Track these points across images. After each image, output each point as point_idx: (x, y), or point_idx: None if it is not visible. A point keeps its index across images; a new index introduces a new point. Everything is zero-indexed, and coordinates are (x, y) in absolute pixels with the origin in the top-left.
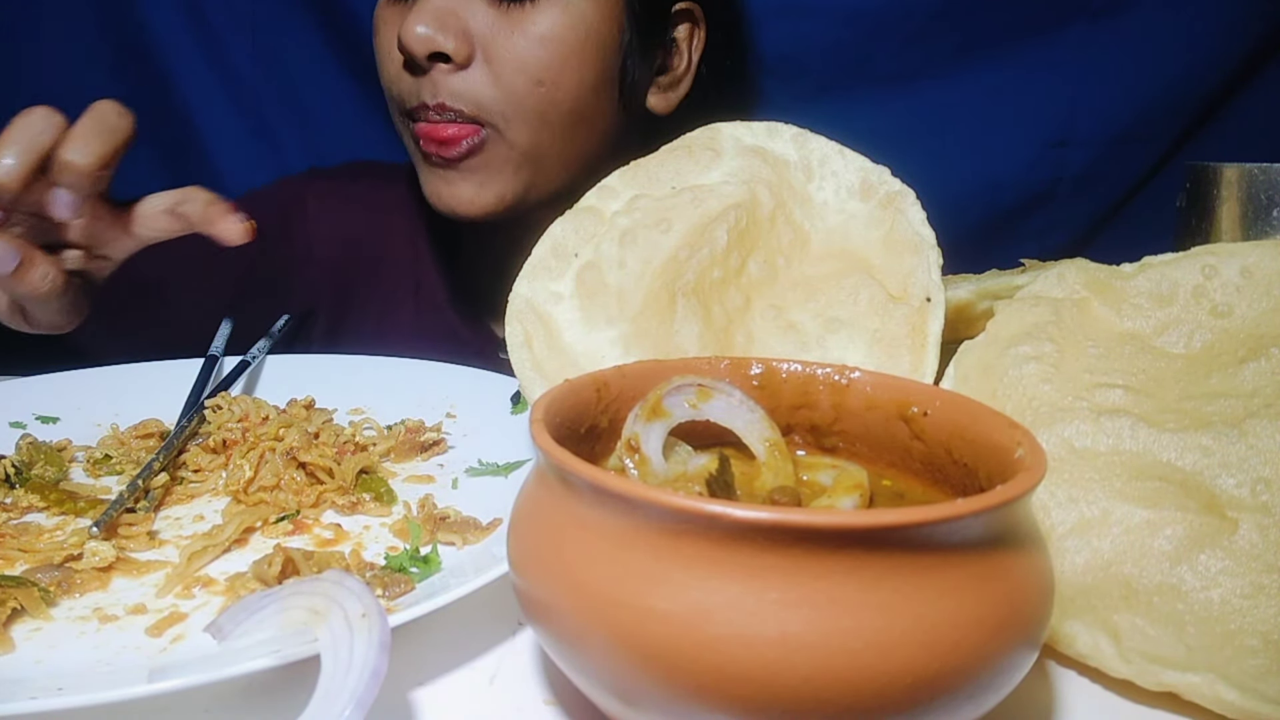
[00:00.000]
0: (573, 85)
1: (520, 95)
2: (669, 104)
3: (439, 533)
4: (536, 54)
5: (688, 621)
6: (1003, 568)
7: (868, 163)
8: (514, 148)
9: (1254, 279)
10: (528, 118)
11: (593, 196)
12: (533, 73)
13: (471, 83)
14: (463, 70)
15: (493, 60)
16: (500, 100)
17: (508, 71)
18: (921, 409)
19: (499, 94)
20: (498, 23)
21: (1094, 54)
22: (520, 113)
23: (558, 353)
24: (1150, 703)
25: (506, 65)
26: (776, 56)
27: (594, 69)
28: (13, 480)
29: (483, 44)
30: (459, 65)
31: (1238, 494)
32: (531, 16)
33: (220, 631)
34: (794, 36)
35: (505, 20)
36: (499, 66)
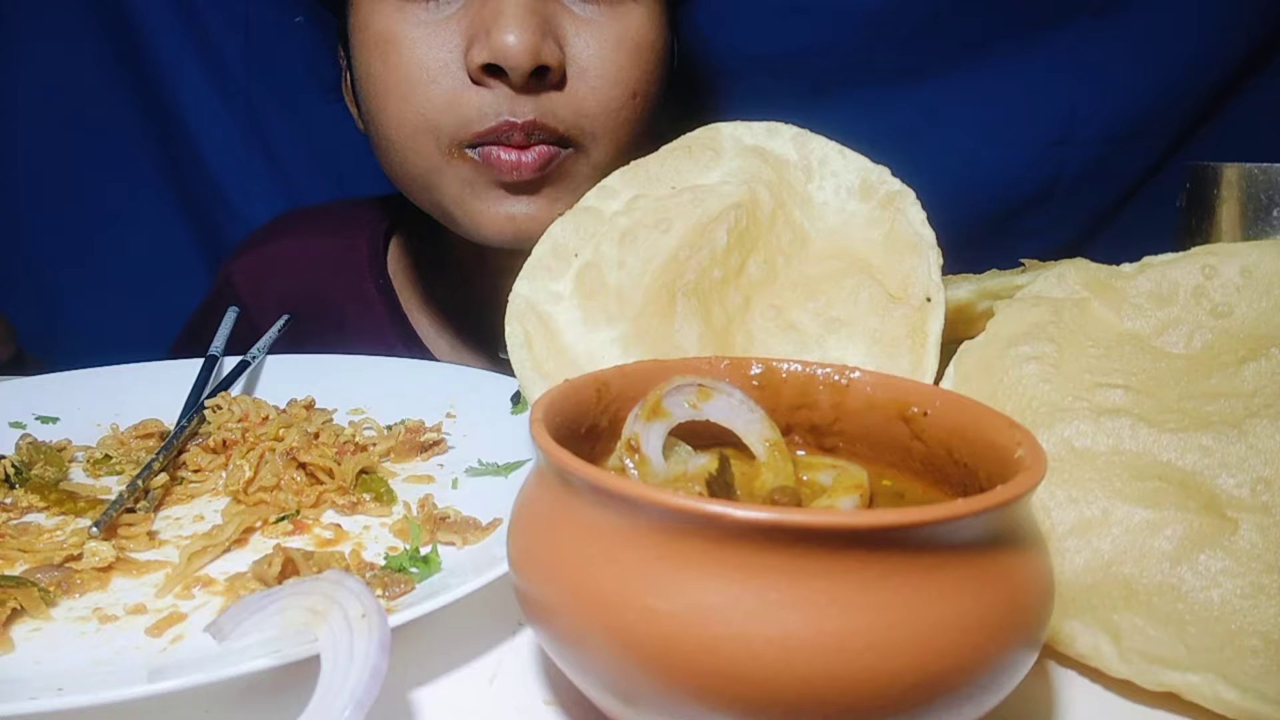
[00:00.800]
0: (657, 95)
1: (615, 110)
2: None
3: (439, 533)
4: (633, 63)
5: (688, 621)
6: (1003, 568)
7: (868, 163)
8: (595, 167)
9: (1254, 279)
10: (617, 134)
11: (592, 196)
12: (629, 85)
13: (566, 100)
14: (558, 85)
15: (586, 73)
16: (595, 116)
17: (604, 84)
18: (921, 409)
19: (594, 109)
20: (586, 29)
21: (1094, 54)
22: (610, 129)
23: (558, 353)
24: (1150, 703)
25: (603, 78)
26: (776, 56)
27: (666, 74)
28: (13, 480)
29: (573, 55)
30: (555, 80)
31: (1238, 494)
32: (623, 22)
33: (220, 632)
34: (794, 36)
35: (593, 25)
36: (594, 79)
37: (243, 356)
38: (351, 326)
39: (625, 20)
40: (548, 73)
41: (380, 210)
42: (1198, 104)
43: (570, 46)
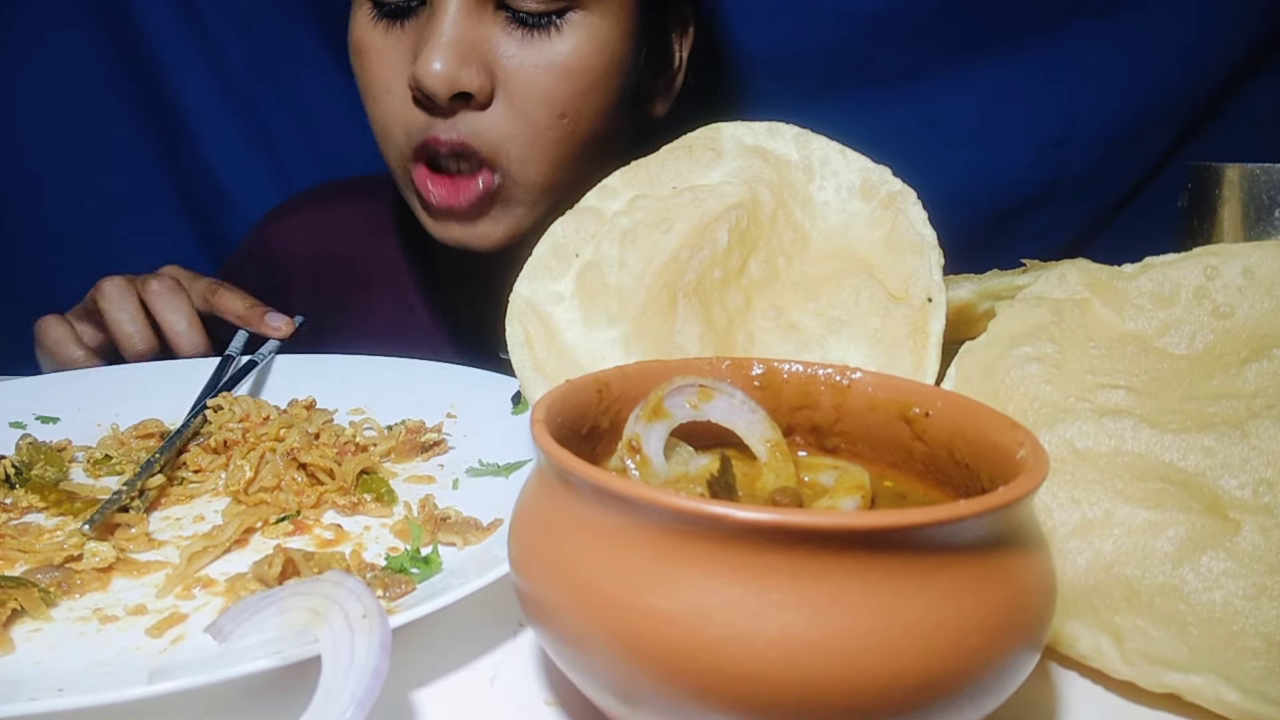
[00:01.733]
0: (593, 114)
1: (542, 129)
2: (665, 107)
3: (440, 533)
4: (560, 85)
5: (688, 622)
6: (1005, 569)
7: (868, 163)
8: (529, 185)
9: (1256, 279)
10: (546, 153)
11: (593, 197)
12: (556, 105)
13: (492, 121)
14: (483, 109)
15: (514, 95)
16: (520, 138)
17: (530, 105)
18: (923, 410)
19: (519, 130)
20: (517, 53)
21: (1094, 54)
22: (539, 149)
23: (558, 353)
24: (1152, 704)
25: (529, 99)
26: (776, 56)
27: (615, 92)
28: (13, 480)
29: (502, 77)
30: (481, 104)
31: (1240, 495)
32: (553, 45)
33: (220, 632)
34: (794, 36)
35: (525, 50)
36: (521, 101)
37: (250, 356)
38: (377, 288)
39: (558, 44)
40: (470, 98)
41: None
42: (1198, 104)
43: (501, 70)
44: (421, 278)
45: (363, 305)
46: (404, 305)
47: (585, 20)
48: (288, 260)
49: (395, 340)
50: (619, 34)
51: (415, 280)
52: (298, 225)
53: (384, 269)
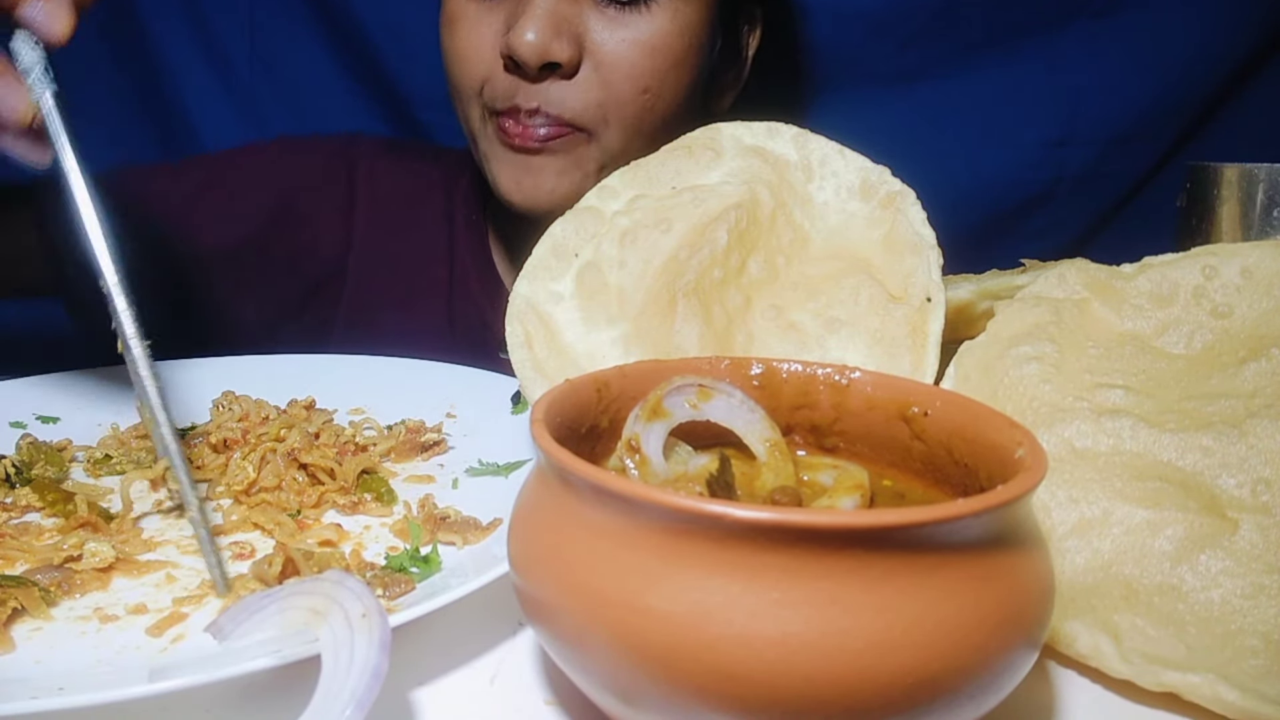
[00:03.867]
0: (673, 93)
1: (624, 102)
2: (729, 101)
3: (439, 533)
4: (646, 62)
5: (688, 621)
6: (1003, 568)
7: (868, 163)
8: (602, 151)
9: (1254, 279)
10: (625, 125)
11: (593, 196)
12: (640, 81)
13: (577, 90)
14: (569, 78)
15: (600, 66)
16: (602, 107)
17: (615, 78)
18: (922, 409)
19: (604, 100)
20: (607, 28)
21: (1094, 54)
22: (619, 120)
23: (558, 353)
24: (1151, 703)
25: (615, 72)
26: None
27: (692, 75)
28: (13, 480)
29: (590, 50)
30: (567, 74)
31: (1238, 494)
32: (642, 23)
33: (221, 631)
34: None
35: (614, 25)
36: (606, 73)
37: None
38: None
39: (645, 22)
40: (558, 67)
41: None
42: (1198, 104)
43: (589, 42)
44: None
45: (420, 261)
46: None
47: (671, 3)
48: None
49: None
50: (700, 19)
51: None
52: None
53: (449, 234)
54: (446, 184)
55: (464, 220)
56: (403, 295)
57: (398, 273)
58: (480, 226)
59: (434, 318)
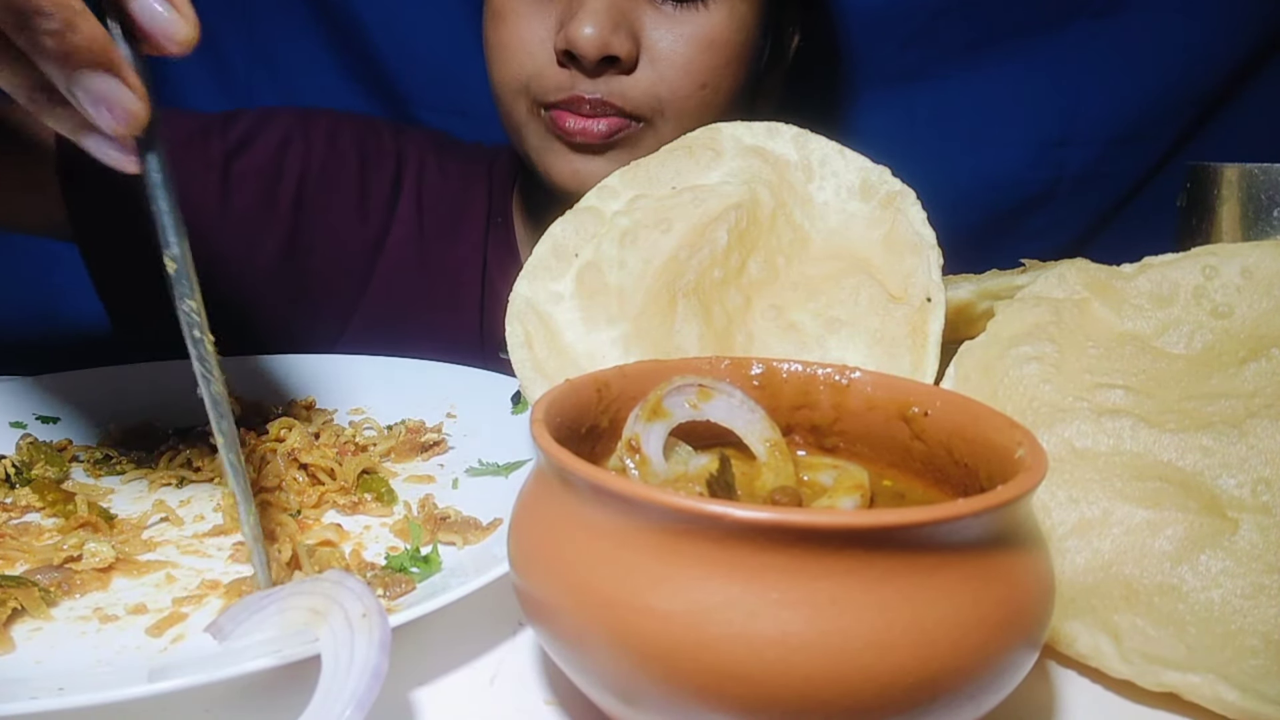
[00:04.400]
0: (730, 89)
1: (683, 97)
2: (772, 103)
3: (439, 533)
4: (703, 57)
5: (688, 621)
6: (1003, 568)
7: (868, 163)
8: (661, 142)
9: (1254, 279)
10: (683, 117)
11: (593, 196)
12: (698, 76)
13: (636, 84)
14: (628, 74)
15: (658, 61)
16: (662, 101)
17: (672, 73)
18: (922, 409)
19: (661, 94)
20: (664, 24)
21: (1094, 54)
22: (677, 113)
23: (558, 353)
24: (1151, 703)
25: (672, 67)
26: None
27: (747, 72)
28: (13, 480)
29: (648, 45)
30: (626, 69)
31: (1238, 494)
32: (699, 19)
33: (220, 632)
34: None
35: (672, 21)
36: (664, 68)
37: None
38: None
39: (703, 18)
40: (617, 61)
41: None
42: (1198, 104)
43: (647, 37)
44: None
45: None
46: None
47: (728, 0)
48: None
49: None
50: (755, 17)
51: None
52: (438, 157)
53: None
54: (487, 184)
55: (499, 221)
56: (433, 305)
57: (430, 281)
58: (509, 228)
59: (468, 330)
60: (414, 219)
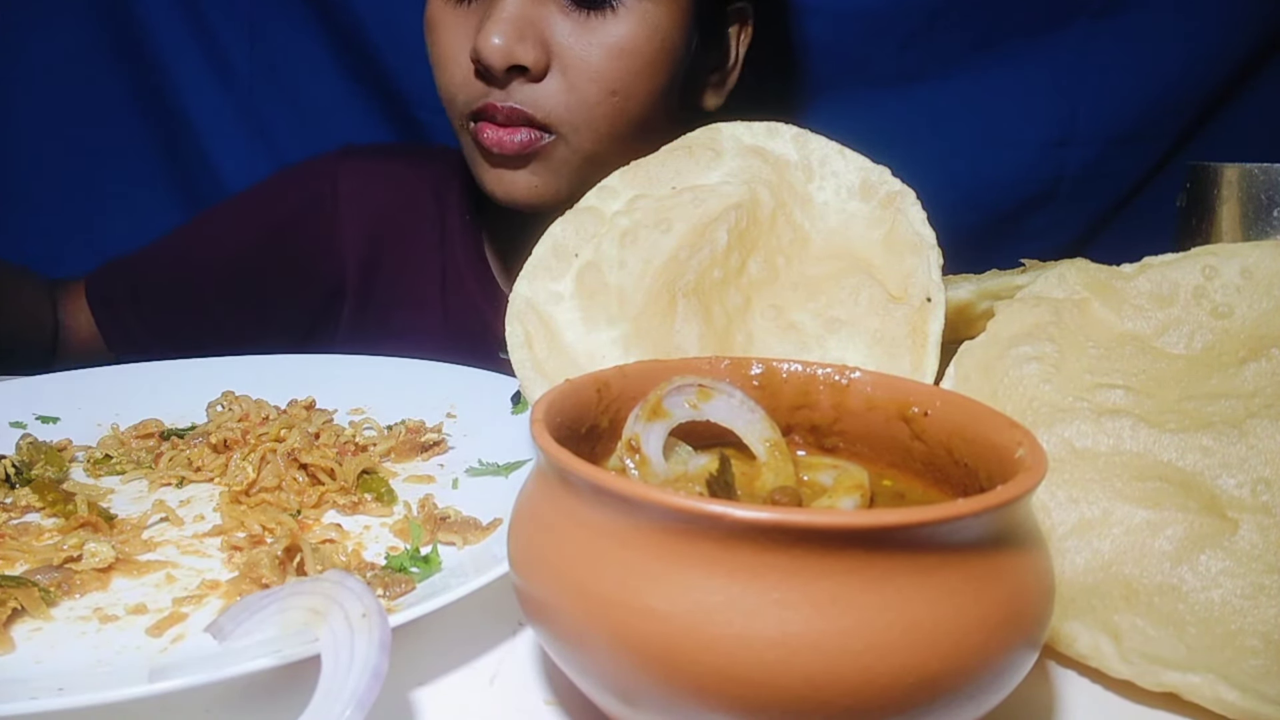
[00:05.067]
0: (644, 95)
1: (592, 105)
2: (718, 101)
3: (439, 533)
4: (613, 65)
5: (688, 621)
6: (1003, 568)
7: (868, 163)
8: (576, 153)
9: (1254, 279)
10: (596, 126)
11: (593, 196)
12: (607, 83)
13: (546, 92)
14: (538, 81)
15: (568, 70)
16: (572, 109)
17: (582, 81)
18: (922, 409)
19: (572, 102)
20: (574, 32)
21: (1094, 54)
22: (590, 121)
23: (558, 353)
24: (1150, 703)
25: (581, 75)
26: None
27: (665, 77)
28: (13, 480)
29: (558, 53)
30: (535, 77)
31: (1238, 494)
32: (609, 26)
33: (221, 631)
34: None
35: (581, 29)
36: (574, 76)
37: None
38: (430, 253)
39: (612, 25)
40: (526, 70)
41: None
42: (1198, 104)
43: (557, 45)
44: (475, 253)
45: (414, 266)
46: (455, 276)
47: (640, 6)
48: (351, 203)
49: (439, 306)
50: (672, 22)
51: (469, 253)
52: (378, 172)
53: (441, 237)
54: (436, 186)
55: (458, 222)
56: (398, 302)
57: (393, 280)
58: (474, 227)
59: (430, 321)
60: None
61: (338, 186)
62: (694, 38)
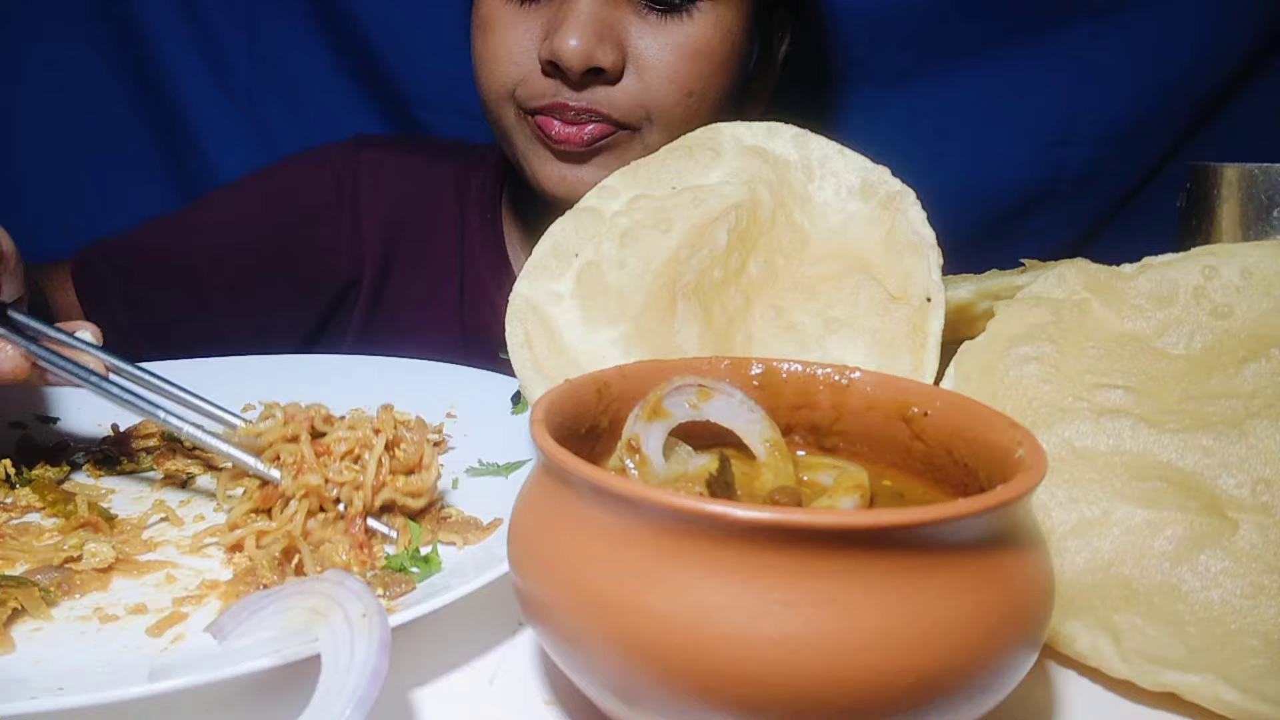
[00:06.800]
0: (716, 97)
1: (669, 106)
2: (760, 110)
3: (439, 533)
4: (689, 67)
5: (688, 621)
6: (1003, 568)
7: (868, 163)
8: (648, 149)
9: (1254, 280)
10: (670, 125)
11: (593, 196)
12: (684, 85)
13: (623, 93)
14: (613, 83)
15: (644, 71)
16: (648, 110)
17: (659, 82)
18: (922, 409)
19: (648, 104)
20: (650, 34)
21: (1094, 54)
22: (664, 120)
23: (558, 353)
24: (1150, 703)
25: (659, 76)
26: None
27: (734, 80)
28: (13, 480)
29: (633, 55)
30: (612, 79)
31: (1238, 494)
32: (684, 29)
33: (221, 631)
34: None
35: (657, 31)
36: (651, 77)
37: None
38: (448, 250)
39: (688, 27)
40: (602, 72)
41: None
42: (1198, 104)
43: (633, 47)
44: (496, 254)
45: (432, 265)
46: (474, 276)
47: (714, 8)
48: (371, 197)
49: (457, 307)
50: (741, 24)
51: (490, 254)
52: (397, 166)
53: (461, 236)
54: (458, 183)
55: (478, 221)
56: (415, 301)
57: (410, 278)
58: (496, 227)
59: (446, 322)
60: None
61: (359, 180)
62: (756, 41)
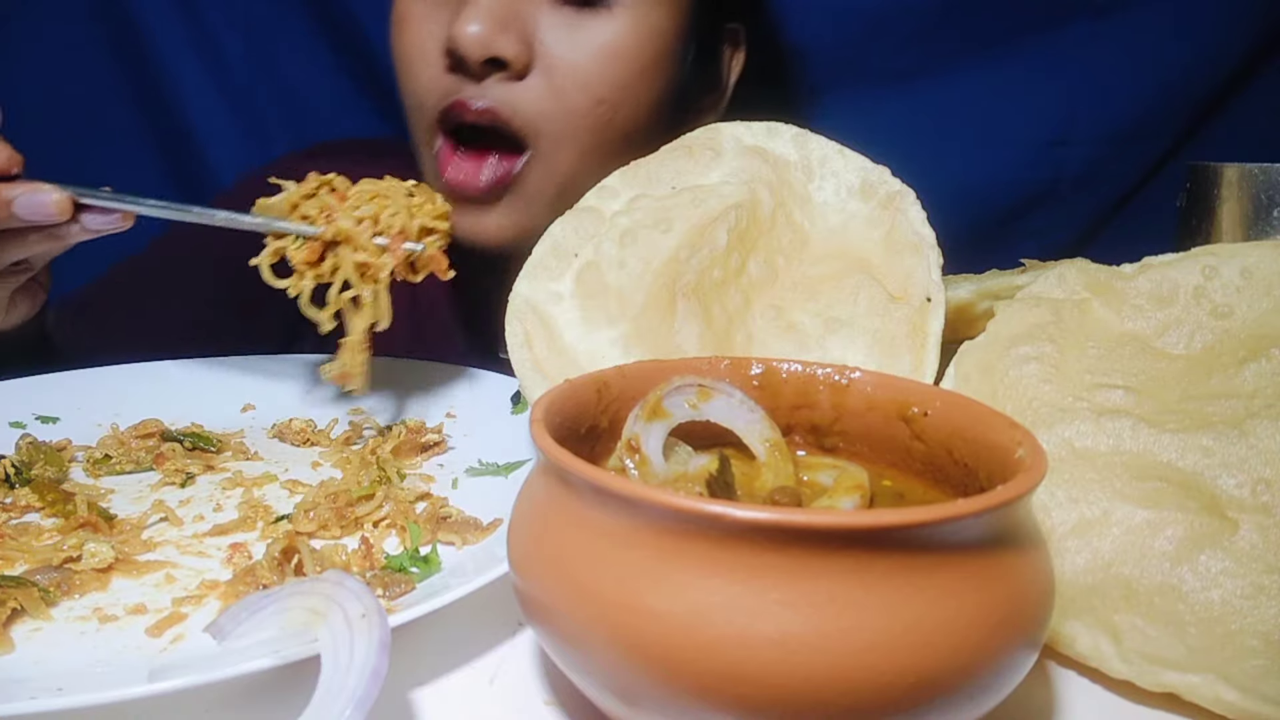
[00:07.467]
0: (634, 106)
1: (578, 114)
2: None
3: (439, 533)
4: (603, 70)
5: (688, 622)
6: (1003, 568)
7: (868, 163)
8: (553, 175)
9: (1254, 279)
10: (579, 139)
11: (593, 196)
12: (595, 90)
13: (526, 94)
14: (518, 80)
15: (552, 72)
16: (552, 117)
17: (567, 85)
18: (922, 409)
19: (553, 110)
20: (562, 29)
21: (1094, 54)
22: (572, 133)
23: (558, 353)
24: (1150, 703)
25: (567, 78)
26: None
27: (658, 88)
28: (13, 480)
29: (542, 51)
30: (515, 74)
31: (1238, 494)
32: (601, 26)
33: (220, 632)
34: (794, 37)
35: (571, 27)
36: (558, 79)
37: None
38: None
39: (606, 25)
40: (505, 65)
41: None
42: (1198, 104)
43: (541, 43)
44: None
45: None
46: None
47: (637, 6)
48: None
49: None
50: (670, 27)
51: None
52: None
53: None
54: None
55: None
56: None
57: None
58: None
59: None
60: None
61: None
62: (690, 51)
